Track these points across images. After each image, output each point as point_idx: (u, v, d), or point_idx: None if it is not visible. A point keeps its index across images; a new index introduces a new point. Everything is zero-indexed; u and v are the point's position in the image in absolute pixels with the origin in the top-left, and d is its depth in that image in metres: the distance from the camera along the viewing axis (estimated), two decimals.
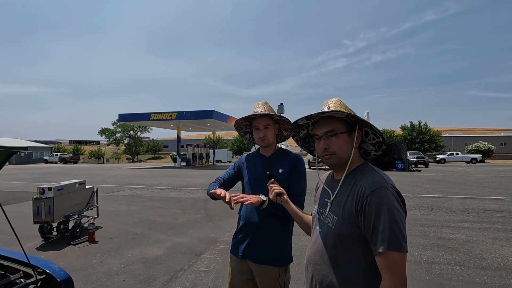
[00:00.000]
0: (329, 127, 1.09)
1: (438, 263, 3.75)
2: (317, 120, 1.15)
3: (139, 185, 12.46)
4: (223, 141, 59.80)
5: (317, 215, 1.18)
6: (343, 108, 1.10)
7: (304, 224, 1.36)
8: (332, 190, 1.14)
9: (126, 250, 4.34)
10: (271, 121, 1.71)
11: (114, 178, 15.87)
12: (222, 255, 4.10)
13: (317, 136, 1.13)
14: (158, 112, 27.94)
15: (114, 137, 59.67)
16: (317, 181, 1.34)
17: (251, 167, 1.79)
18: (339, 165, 1.11)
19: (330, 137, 1.09)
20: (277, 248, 1.64)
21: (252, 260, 1.65)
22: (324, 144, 1.10)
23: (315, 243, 1.13)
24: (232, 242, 1.80)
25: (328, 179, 1.23)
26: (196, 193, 9.97)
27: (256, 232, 1.66)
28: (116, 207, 7.54)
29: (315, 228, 1.17)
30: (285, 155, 1.76)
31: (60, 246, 4.52)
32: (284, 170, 1.69)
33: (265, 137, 1.70)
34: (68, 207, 5.01)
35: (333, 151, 1.08)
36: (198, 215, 6.59)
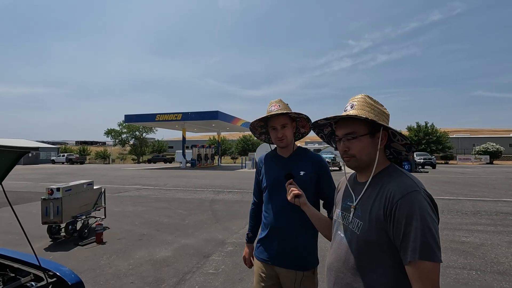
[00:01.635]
0: (349, 128, 1.03)
1: (453, 267, 3.65)
2: (339, 119, 1.09)
3: (145, 186, 12.49)
4: (228, 142, 59.87)
5: (339, 219, 1.12)
6: (368, 107, 1.04)
7: (324, 227, 1.30)
8: (355, 193, 1.08)
9: (133, 251, 4.31)
10: (288, 119, 1.63)
11: (120, 179, 15.95)
12: (230, 257, 4.05)
13: (338, 137, 1.08)
14: (163, 113, 28.06)
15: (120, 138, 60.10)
16: (338, 183, 1.28)
17: (269, 170, 1.72)
18: (360, 168, 1.06)
19: (350, 139, 1.03)
20: (304, 252, 1.58)
21: (279, 265, 1.60)
22: (343, 146, 1.05)
23: (337, 249, 1.07)
24: (256, 246, 1.74)
25: (350, 181, 1.16)
26: (202, 194, 9.95)
27: (282, 236, 1.60)
28: (122, 208, 7.54)
29: (336, 233, 1.11)
30: (306, 155, 1.68)
31: (68, 247, 4.51)
32: (306, 172, 1.61)
33: (284, 136, 1.62)
34: (76, 207, 5.00)
35: (352, 153, 1.03)
36: (204, 216, 6.55)
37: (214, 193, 10.11)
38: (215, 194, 9.87)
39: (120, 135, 59.87)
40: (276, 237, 1.61)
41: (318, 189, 1.64)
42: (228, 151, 57.03)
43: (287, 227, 1.59)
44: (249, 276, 3.45)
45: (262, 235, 1.70)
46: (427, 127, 42.34)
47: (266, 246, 1.65)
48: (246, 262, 1.83)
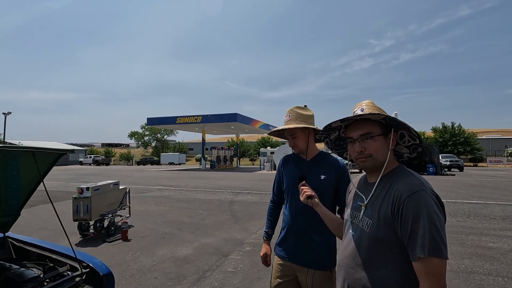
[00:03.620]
0: (365, 129, 1.08)
1: (478, 273, 3.52)
2: (351, 123, 1.14)
3: (167, 187, 12.89)
4: (246, 144, 60.24)
5: (350, 218, 1.17)
6: (377, 110, 1.09)
7: (336, 227, 1.35)
8: (365, 193, 1.13)
9: (157, 248, 4.51)
10: (298, 129, 1.69)
11: (143, 180, 16.54)
12: (249, 256, 4.14)
13: (352, 139, 1.12)
14: (184, 116, 28.77)
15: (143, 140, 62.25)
16: (349, 185, 1.33)
17: (289, 172, 1.79)
18: (374, 168, 1.10)
19: (366, 140, 1.08)
20: (321, 252, 1.63)
21: (297, 263, 1.66)
22: (359, 146, 1.09)
23: (347, 246, 1.12)
24: (276, 243, 1.81)
25: (360, 182, 1.21)
26: (221, 195, 10.14)
27: (299, 236, 1.66)
28: (146, 207, 7.86)
29: (347, 232, 1.17)
30: (327, 160, 1.73)
31: (97, 243, 4.79)
32: (327, 177, 1.66)
33: (295, 145, 1.71)
34: (104, 206, 5.30)
35: (369, 153, 1.07)
36: (224, 217, 6.69)
37: (233, 194, 10.27)
38: (234, 195, 10.03)
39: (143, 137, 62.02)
40: (294, 237, 1.67)
41: (336, 194, 1.67)
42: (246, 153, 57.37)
43: (304, 227, 1.64)
44: (267, 275, 3.52)
45: (282, 233, 1.77)
46: (454, 127, 40.45)
47: (285, 244, 1.72)
48: (264, 260, 1.89)
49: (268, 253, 1.87)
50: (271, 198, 2.00)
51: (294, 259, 1.67)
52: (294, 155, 1.85)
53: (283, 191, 1.86)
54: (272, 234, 1.94)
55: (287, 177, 1.79)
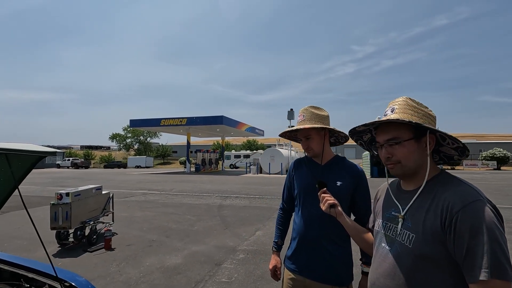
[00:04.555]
0: (391, 134, 0.96)
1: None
2: (379, 125, 1.02)
3: (152, 191, 12.43)
4: (232, 147, 59.87)
5: (383, 230, 1.03)
6: (411, 110, 0.96)
7: (361, 239, 1.20)
8: (401, 202, 0.99)
9: (143, 258, 4.22)
10: (313, 130, 1.55)
11: (126, 183, 15.93)
12: (243, 265, 3.93)
13: (379, 144, 1.01)
14: (168, 118, 28.16)
15: (125, 143, 60.49)
16: (377, 191, 1.20)
17: (302, 176, 1.63)
18: (405, 175, 0.98)
19: (392, 145, 0.96)
20: (338, 266, 1.49)
21: (309, 277, 1.50)
22: (386, 152, 0.98)
23: (382, 263, 0.97)
24: (286, 255, 1.65)
25: (393, 189, 1.08)
26: (209, 199, 9.85)
27: (313, 247, 1.51)
28: (130, 213, 7.47)
29: (380, 245, 1.02)
30: (343, 165, 1.59)
31: (77, 253, 4.43)
32: (343, 183, 1.52)
33: (309, 148, 1.57)
34: (85, 213, 4.94)
35: (397, 160, 0.96)
36: (213, 222, 6.44)
37: (221, 199, 10.01)
38: (222, 200, 9.77)
39: (125, 139, 60.28)
40: (307, 247, 1.52)
41: (352, 201, 1.55)
42: None
43: (318, 237, 1.50)
44: (263, 285, 3.34)
45: (293, 244, 1.61)
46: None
47: (296, 256, 1.57)
48: (274, 273, 1.71)
49: (278, 265, 1.70)
50: (280, 205, 1.84)
51: (307, 273, 1.51)
52: (306, 158, 1.69)
53: (294, 197, 1.70)
54: (282, 245, 1.77)
55: (299, 182, 1.64)
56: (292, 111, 26.68)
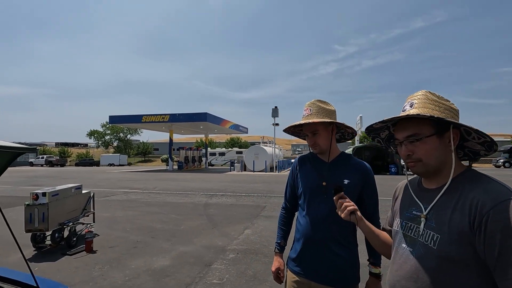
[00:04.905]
0: (411, 130, 0.91)
1: None
2: (398, 121, 0.96)
3: (133, 189, 12.02)
4: (215, 144, 59.32)
5: (403, 230, 0.97)
6: (431, 104, 0.91)
7: (380, 242, 1.13)
8: (423, 201, 0.94)
9: (129, 260, 4.01)
10: (321, 125, 1.47)
11: (106, 182, 15.34)
12: (234, 265, 3.83)
13: (398, 141, 0.95)
14: (150, 114, 27.41)
15: (103, 140, 58.33)
16: (395, 190, 1.14)
17: (307, 175, 1.55)
18: (428, 173, 0.93)
19: (412, 142, 0.90)
20: (344, 268, 1.42)
21: (315, 280, 1.43)
22: (406, 150, 0.92)
23: (403, 265, 0.92)
24: (290, 257, 1.57)
25: (413, 187, 1.02)
26: (194, 198, 9.63)
27: (319, 249, 1.43)
28: (112, 213, 7.15)
29: (399, 246, 0.96)
30: (350, 162, 1.52)
31: (55, 257, 4.15)
32: (351, 181, 1.44)
33: (316, 144, 1.48)
34: (64, 213, 4.64)
35: (418, 157, 0.90)
36: (200, 221, 6.28)
37: (207, 197, 9.83)
38: (208, 198, 9.59)
39: (104, 136, 58.12)
40: (312, 249, 1.45)
41: (359, 201, 1.48)
42: None
43: (325, 239, 1.42)
44: (256, 286, 3.25)
45: (296, 245, 1.53)
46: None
47: (301, 258, 1.48)
48: (277, 276, 1.63)
49: (281, 267, 1.61)
50: (282, 204, 1.75)
51: (312, 275, 1.44)
52: (312, 155, 1.61)
53: (297, 196, 1.62)
54: (285, 246, 1.69)
55: (304, 181, 1.55)
56: (276, 109, 26.72)
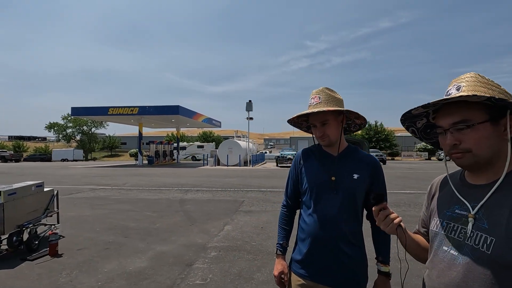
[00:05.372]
0: (459, 116, 0.79)
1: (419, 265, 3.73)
2: (441, 106, 0.85)
3: (101, 186, 11.27)
4: (187, 139, 57.93)
5: (443, 231, 0.87)
6: (483, 87, 0.79)
7: (420, 248, 1.01)
8: (469, 199, 0.84)
9: (101, 263, 3.68)
10: (331, 114, 1.35)
11: (69, 178, 14.26)
12: (217, 264, 3.66)
13: (442, 129, 0.84)
14: (117, 106, 25.89)
15: (64, 133, 54.36)
16: (429, 186, 1.04)
17: (313, 170, 1.43)
18: (477, 166, 0.82)
19: (461, 129, 0.79)
20: (355, 268, 1.34)
21: (324, 283, 1.32)
22: (452, 139, 0.81)
23: (447, 271, 0.81)
24: (293, 259, 1.44)
25: (455, 183, 0.92)
26: (168, 194, 9.24)
27: (329, 249, 1.33)
28: (78, 212, 6.60)
29: (440, 249, 0.86)
30: (358, 155, 1.42)
31: (13, 263, 3.69)
32: (360, 176, 1.35)
33: (325, 135, 1.36)
34: (23, 214, 4.15)
35: (467, 147, 0.79)
36: (177, 218, 5.99)
37: (182, 192, 9.47)
38: (183, 194, 9.24)
39: (65, 129, 54.15)
40: (321, 250, 1.34)
41: (367, 196, 1.39)
42: None
43: (335, 238, 1.32)
44: (242, 284, 3.13)
45: (301, 246, 1.41)
46: (377, 126, 45.69)
47: (308, 259, 1.37)
48: (281, 280, 1.49)
49: (285, 271, 1.49)
50: (283, 202, 1.61)
51: (320, 278, 1.33)
52: (316, 148, 1.49)
53: (300, 193, 1.50)
54: (287, 247, 1.56)
55: (310, 176, 1.43)
56: (250, 103, 26.55)
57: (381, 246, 1.42)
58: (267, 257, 3.87)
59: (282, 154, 24.90)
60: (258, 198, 8.26)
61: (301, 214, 1.48)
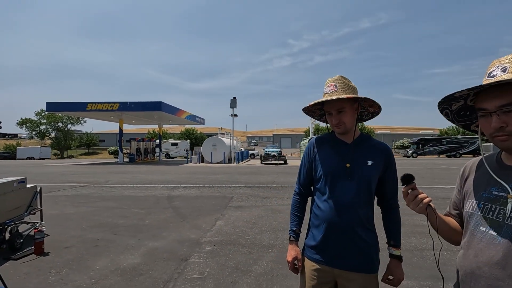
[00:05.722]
0: (509, 98, 0.81)
1: (428, 249, 3.91)
2: (485, 89, 0.86)
3: (82, 183, 10.86)
4: (169, 135, 56.85)
5: (480, 212, 0.90)
6: None
7: (450, 229, 1.04)
8: (507, 180, 0.87)
9: (91, 261, 3.56)
10: (347, 102, 1.38)
11: (46, 176, 13.62)
12: (213, 258, 3.64)
13: (486, 111, 0.86)
14: (96, 102, 24.98)
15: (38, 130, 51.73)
16: (462, 169, 1.06)
17: (328, 157, 1.45)
18: None
19: (508, 112, 0.81)
20: (371, 252, 1.38)
21: (341, 268, 1.36)
22: (498, 121, 0.83)
23: (485, 250, 0.85)
24: (307, 245, 1.47)
25: (491, 165, 0.94)
26: (154, 191, 9.05)
27: (345, 234, 1.36)
28: (61, 210, 6.33)
29: (477, 229, 0.90)
30: (372, 142, 1.46)
31: None
32: (374, 162, 1.39)
33: (341, 123, 1.38)
34: (4, 212, 3.94)
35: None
36: (167, 215, 5.89)
37: (168, 189, 9.31)
38: (170, 190, 9.08)
39: (38, 126, 51.53)
40: (337, 235, 1.37)
41: (381, 181, 1.44)
42: None
43: (350, 223, 1.36)
44: (241, 277, 3.13)
45: (316, 232, 1.44)
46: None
47: (323, 245, 1.40)
48: (295, 266, 1.51)
49: (298, 256, 1.51)
50: (296, 189, 1.63)
51: (336, 262, 1.37)
52: (330, 136, 1.52)
53: (313, 180, 1.52)
54: (300, 233, 1.59)
55: (325, 162, 1.46)
56: (235, 100, 26.43)
57: (393, 230, 1.47)
58: (263, 250, 3.89)
59: (266, 152, 25.03)
60: (247, 194, 8.27)
61: (314, 201, 1.51)
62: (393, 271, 1.42)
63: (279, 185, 10.31)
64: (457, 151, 35.28)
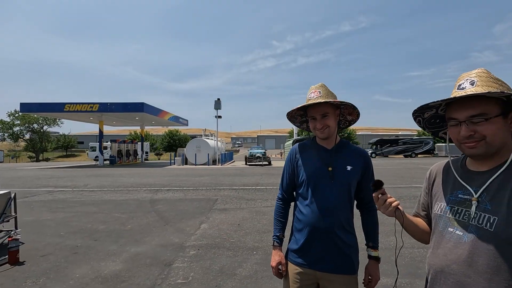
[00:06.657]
0: (477, 109, 0.88)
1: (405, 247, 4.06)
2: (455, 101, 0.92)
3: (59, 188, 10.44)
4: (151, 137, 55.70)
5: (449, 214, 0.96)
6: (495, 83, 0.89)
7: (419, 230, 1.12)
8: (472, 183, 0.94)
9: (70, 269, 3.45)
10: (330, 107, 1.44)
11: (20, 181, 12.98)
12: (197, 262, 3.62)
13: (456, 121, 0.92)
14: (75, 103, 24.07)
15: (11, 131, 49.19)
16: (429, 173, 1.13)
17: (309, 162, 1.51)
18: (487, 155, 0.91)
19: (478, 122, 0.88)
20: (351, 254, 1.44)
21: (323, 270, 1.40)
22: (467, 130, 0.89)
23: (454, 249, 0.91)
24: (290, 249, 1.52)
25: (456, 169, 1.01)
26: (137, 194, 8.85)
27: (327, 237, 1.41)
28: (37, 216, 6.07)
29: (445, 230, 0.96)
30: (351, 148, 1.53)
31: None
32: (353, 168, 1.45)
33: (324, 127, 1.43)
34: None
35: (482, 136, 0.88)
36: (149, 219, 5.79)
37: (151, 192, 9.13)
38: (152, 194, 8.91)
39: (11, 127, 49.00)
40: (320, 238, 1.42)
41: (359, 187, 1.51)
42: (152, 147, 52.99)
43: (332, 227, 1.41)
44: (225, 281, 3.14)
45: (299, 236, 1.48)
46: None
47: (305, 248, 1.45)
48: (279, 271, 1.55)
49: (282, 262, 1.55)
50: (279, 195, 1.67)
51: (318, 265, 1.43)
52: (312, 142, 1.57)
53: (295, 185, 1.57)
54: (283, 238, 1.62)
55: (307, 167, 1.51)
56: (219, 101, 26.27)
57: (371, 233, 1.54)
58: (247, 253, 3.91)
59: (250, 153, 25.03)
60: (231, 196, 8.25)
61: (296, 205, 1.55)
62: (371, 272, 1.48)
63: (263, 186, 10.36)
64: (413, 151, 37.59)
